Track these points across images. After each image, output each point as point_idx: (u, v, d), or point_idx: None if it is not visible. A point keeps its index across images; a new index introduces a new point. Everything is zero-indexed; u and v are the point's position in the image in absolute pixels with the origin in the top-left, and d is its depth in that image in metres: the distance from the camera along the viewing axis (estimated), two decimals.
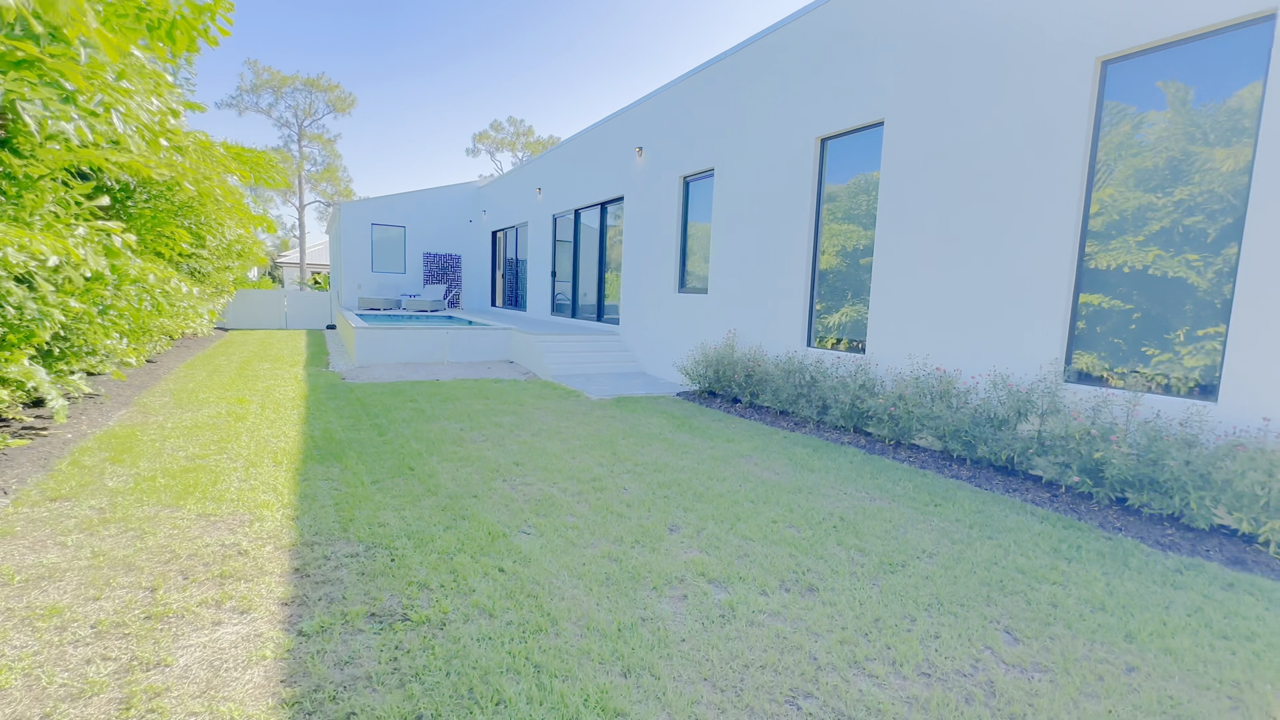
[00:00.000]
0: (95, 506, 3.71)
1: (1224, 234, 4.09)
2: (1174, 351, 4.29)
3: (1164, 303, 4.35)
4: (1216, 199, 4.18)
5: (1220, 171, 4.18)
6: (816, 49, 6.95)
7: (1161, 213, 4.44)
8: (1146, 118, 4.48)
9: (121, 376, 6.76)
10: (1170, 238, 4.37)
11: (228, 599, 2.68)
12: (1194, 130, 4.29)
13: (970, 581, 3.07)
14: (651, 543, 3.42)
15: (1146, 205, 4.52)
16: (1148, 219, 4.50)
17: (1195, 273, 4.28)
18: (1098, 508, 4.13)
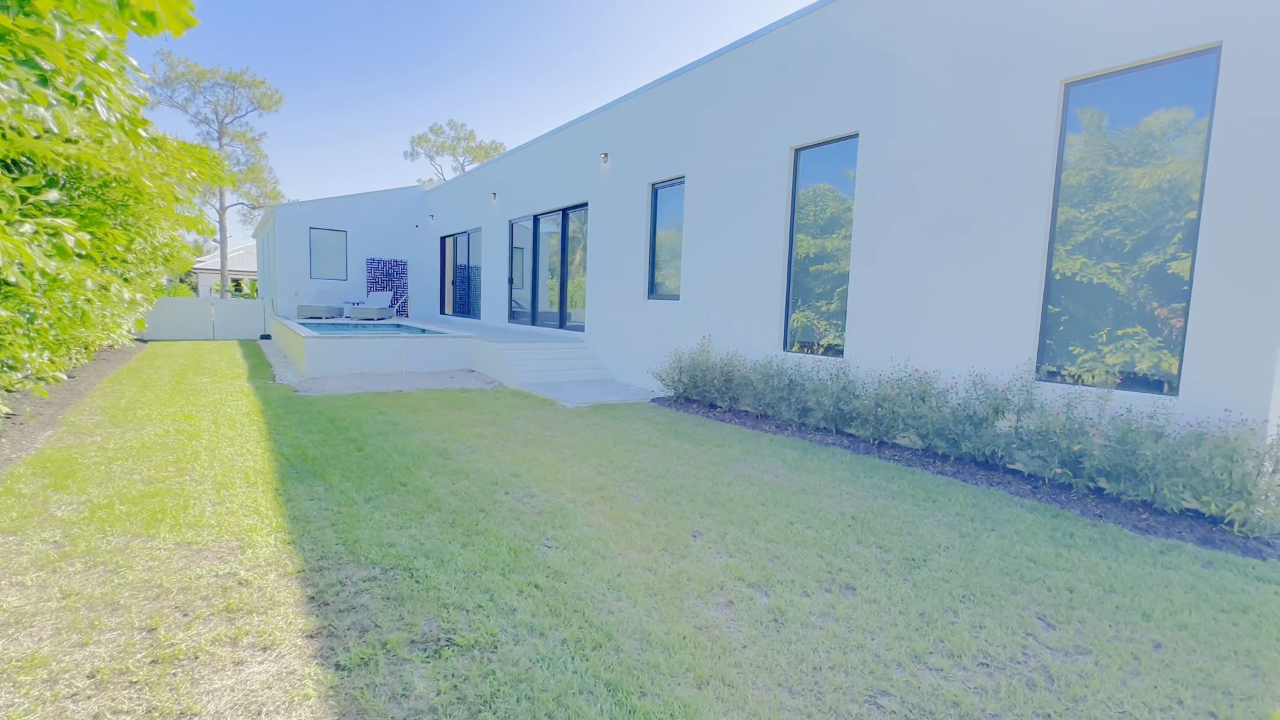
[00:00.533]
0: (49, 540, 3.28)
1: (1139, 244, 4.55)
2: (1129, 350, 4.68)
3: (1091, 306, 4.74)
4: (1132, 214, 4.63)
5: (1137, 189, 4.63)
6: (791, 62, 7.17)
7: (1084, 225, 4.88)
8: (1067, 139, 4.92)
9: (44, 394, 6.04)
10: (1092, 248, 4.81)
11: (243, 635, 2.43)
12: (1110, 151, 4.75)
13: (990, 572, 3.20)
14: (679, 550, 3.37)
15: (1072, 219, 4.94)
16: (1073, 231, 4.93)
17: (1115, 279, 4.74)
18: (1077, 497, 4.43)
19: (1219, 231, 4.12)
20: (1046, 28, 4.94)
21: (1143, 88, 4.59)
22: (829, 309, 6.96)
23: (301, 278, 17.83)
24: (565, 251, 12.27)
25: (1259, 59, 3.94)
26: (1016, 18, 5.13)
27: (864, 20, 6.35)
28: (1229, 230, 4.07)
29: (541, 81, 65.22)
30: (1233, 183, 4.04)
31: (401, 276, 19.08)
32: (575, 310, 12.03)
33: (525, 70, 63.96)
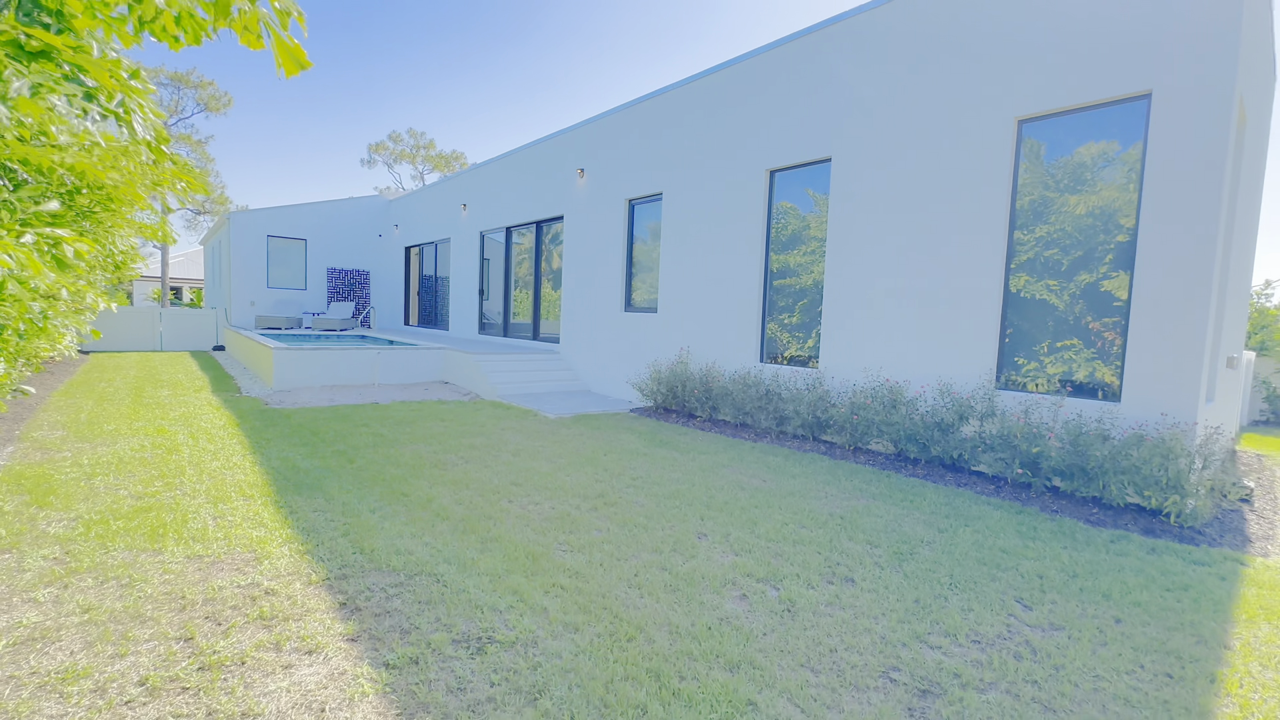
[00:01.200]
0: (49, 557, 3.21)
1: (1074, 265, 5.11)
2: (1073, 361, 5.19)
3: (1039, 321, 5.26)
4: (1068, 236, 5.19)
5: (1073, 214, 5.19)
6: (768, 87, 7.57)
7: (1027, 246, 5.42)
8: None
9: (3, 408, 5.77)
10: (1033, 267, 5.35)
11: (285, 640, 2.48)
12: (1048, 179, 5.30)
13: (969, 563, 3.53)
14: (688, 550, 3.57)
15: (1016, 240, 5.48)
16: (1017, 251, 5.47)
17: (1053, 295, 5.29)
18: (1036, 494, 4.87)
19: (1152, 254, 4.65)
20: (1004, 70, 5.47)
21: (1084, 125, 5.14)
22: (804, 322, 7.34)
23: (258, 287, 17.24)
24: (539, 264, 12.37)
25: (1182, 105, 4.50)
26: (978, 60, 5.64)
27: (838, 53, 6.81)
28: (1161, 253, 4.61)
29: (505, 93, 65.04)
30: (1163, 211, 4.59)
31: (364, 286, 18.70)
32: (548, 322, 12.13)
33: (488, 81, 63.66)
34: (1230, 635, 2.81)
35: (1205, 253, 4.37)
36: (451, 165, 41.35)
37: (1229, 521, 4.54)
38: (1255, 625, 2.92)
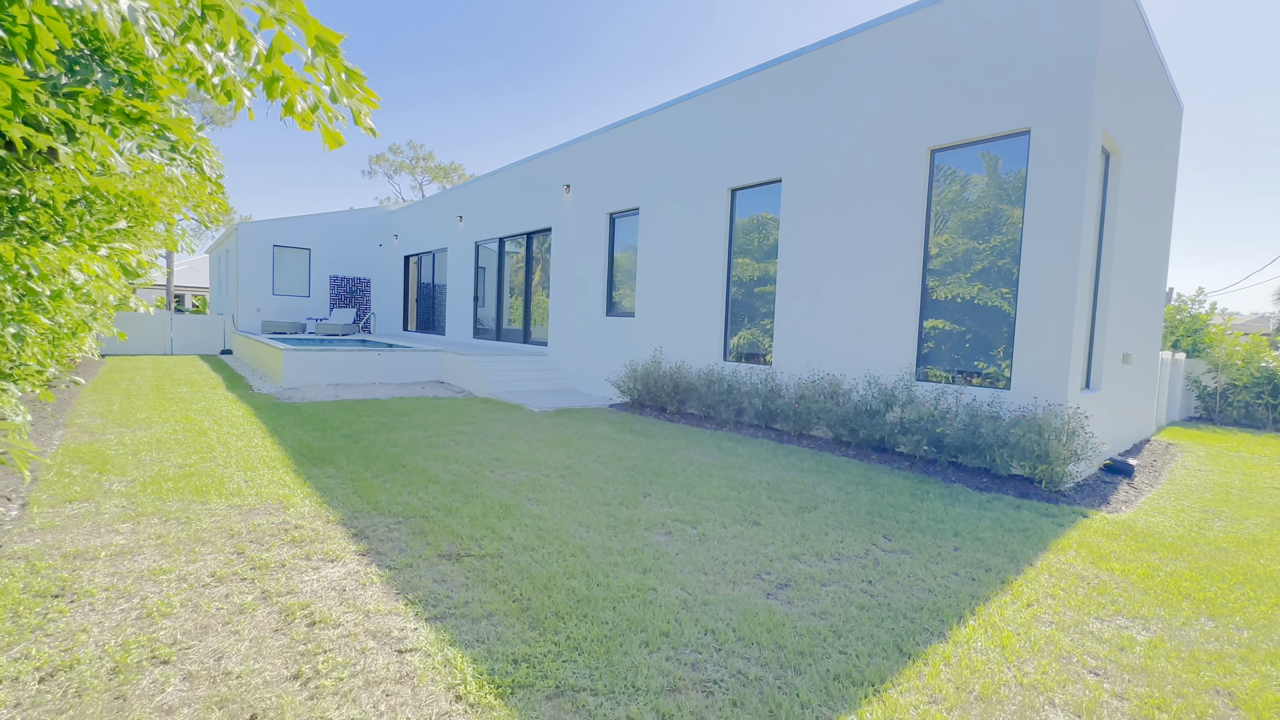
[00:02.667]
0: (119, 505, 4.03)
1: (977, 274, 5.96)
2: (995, 361, 6.04)
3: (989, 325, 6.11)
4: (972, 249, 6.05)
5: (973, 230, 6.05)
6: (729, 114, 8.48)
7: (983, 255, 6.27)
8: (971, 179, 6.31)
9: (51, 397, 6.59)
10: (989, 275, 6.20)
11: (312, 554, 3.31)
12: (1000, 192, 6.15)
13: (859, 512, 4.37)
14: (633, 504, 4.40)
15: (971, 249, 6.34)
16: (973, 260, 6.32)
17: (1007, 302, 6.12)
18: (939, 468, 5.71)
19: (1032, 266, 5.52)
20: (917, 108, 6.36)
21: (987, 155, 6.03)
22: (763, 325, 8.20)
23: (264, 294, 18.10)
24: (529, 272, 13.24)
25: (1052, 140, 5.39)
26: (899, 98, 6.54)
27: (787, 88, 7.71)
28: (1038, 265, 5.48)
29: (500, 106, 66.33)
30: (1039, 230, 5.46)
31: (365, 294, 19.56)
32: (538, 327, 12.99)
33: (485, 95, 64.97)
34: (1038, 558, 3.65)
35: (1069, 265, 5.25)
36: (450, 177, 42.36)
37: (1099, 490, 5.39)
38: (1063, 553, 3.76)
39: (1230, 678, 2.47)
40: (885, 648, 2.54)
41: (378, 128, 2.27)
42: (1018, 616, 2.89)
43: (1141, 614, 3.00)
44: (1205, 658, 2.61)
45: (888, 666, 2.40)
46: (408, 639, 2.48)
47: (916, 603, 2.97)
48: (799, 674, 2.32)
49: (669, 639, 2.54)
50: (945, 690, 2.27)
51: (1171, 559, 3.77)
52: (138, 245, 4.80)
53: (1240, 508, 5.12)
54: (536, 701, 2.10)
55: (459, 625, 2.59)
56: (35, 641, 2.37)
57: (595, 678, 2.24)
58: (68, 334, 6.11)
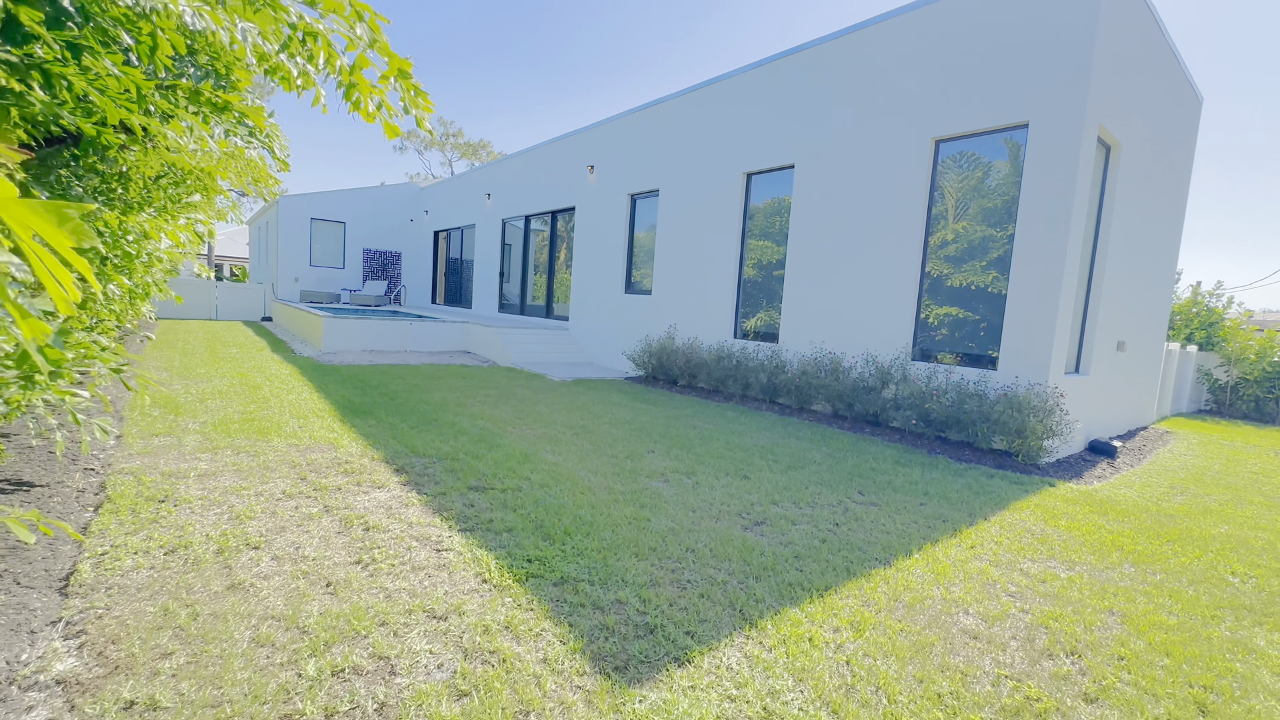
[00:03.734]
0: (197, 440, 4.71)
1: (972, 258, 6.26)
2: (984, 342, 6.39)
3: (981, 308, 6.45)
4: (970, 235, 6.34)
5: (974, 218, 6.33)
6: (746, 100, 8.80)
7: (979, 243, 6.57)
8: (974, 170, 6.59)
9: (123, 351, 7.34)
10: (984, 263, 6.51)
11: (362, 482, 3.92)
12: (999, 184, 6.42)
13: (841, 473, 4.84)
14: (638, 458, 4.94)
15: (969, 237, 6.64)
16: (969, 247, 6.63)
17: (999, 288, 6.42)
18: (926, 441, 6.12)
19: (1024, 253, 5.84)
20: (923, 100, 6.64)
21: (987, 145, 6.30)
22: (773, 304, 8.61)
23: (302, 265, 18.97)
24: (553, 250, 13.76)
25: (1048, 133, 5.66)
26: (905, 90, 6.82)
27: (800, 75, 8.01)
28: (1029, 252, 5.79)
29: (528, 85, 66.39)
30: (1031, 219, 5.77)
31: (396, 266, 20.33)
32: (560, 303, 13.54)
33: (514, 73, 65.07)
34: (994, 515, 4.09)
35: (1057, 252, 5.56)
36: (479, 153, 42.91)
37: (1075, 466, 5.76)
38: (1019, 512, 4.19)
39: (1127, 604, 2.92)
40: (836, 569, 3.04)
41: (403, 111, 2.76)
42: (959, 555, 3.36)
43: (1071, 559, 3.44)
44: (1113, 590, 3.06)
45: (835, 580, 2.91)
46: (444, 542, 3.06)
47: (872, 540, 3.46)
48: (758, 581, 2.84)
49: (655, 552, 3.07)
50: (879, 599, 2.77)
51: (1118, 521, 4.18)
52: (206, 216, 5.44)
53: (1208, 486, 5.45)
54: (545, 586, 2.66)
55: (485, 535, 3.16)
56: (154, 529, 3.01)
57: (593, 573, 2.79)
58: (140, 295, 6.85)
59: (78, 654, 2.01)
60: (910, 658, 2.31)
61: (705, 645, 2.28)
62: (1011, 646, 2.46)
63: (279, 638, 2.16)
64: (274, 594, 2.46)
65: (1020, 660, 2.37)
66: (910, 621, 2.59)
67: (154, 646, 2.07)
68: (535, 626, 2.34)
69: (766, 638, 2.37)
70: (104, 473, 3.81)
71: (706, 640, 2.31)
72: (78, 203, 3.61)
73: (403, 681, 1.98)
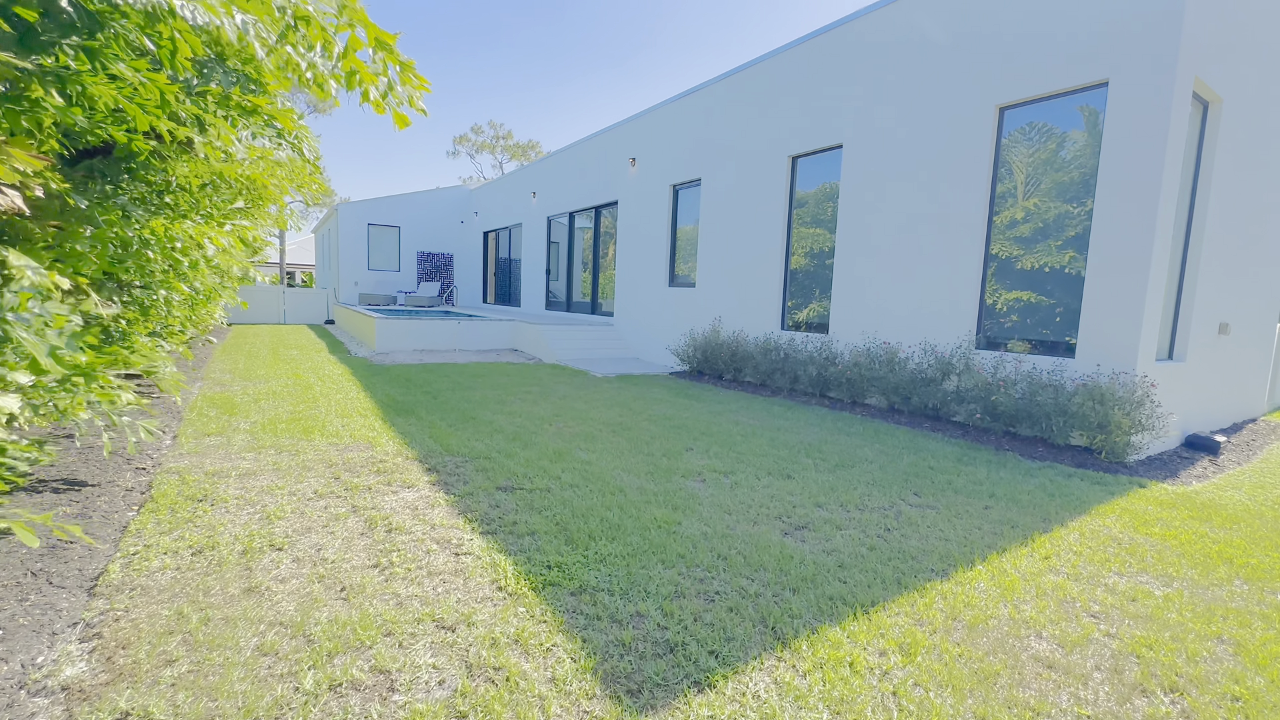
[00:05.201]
0: (244, 439, 4.84)
1: (1043, 236, 5.64)
2: (1059, 328, 5.80)
3: (1055, 291, 5.86)
4: (1043, 211, 5.71)
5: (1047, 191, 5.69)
6: (791, 80, 8.38)
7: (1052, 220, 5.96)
8: (1046, 141, 5.98)
9: (191, 355, 7.74)
10: (1056, 241, 5.90)
11: (393, 482, 3.89)
12: (1044, 165, 5.79)
13: (896, 472, 4.47)
14: (675, 456, 4.73)
15: (1042, 214, 6.03)
16: (1042, 225, 6.02)
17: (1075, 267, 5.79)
18: (993, 437, 5.61)
19: (1105, 227, 5.23)
20: (986, 64, 6.07)
21: (1058, 111, 5.70)
22: (822, 293, 8.18)
23: (360, 269, 19.74)
24: (597, 245, 13.68)
25: (1132, 91, 5.03)
26: (966, 55, 6.26)
27: (848, 51, 7.53)
28: (1112, 226, 5.18)
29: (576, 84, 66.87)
30: (1114, 189, 5.15)
31: (448, 268, 20.85)
32: (605, 299, 13.45)
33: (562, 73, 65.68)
34: (1073, 520, 3.64)
35: (1145, 225, 4.94)
36: (528, 154, 43.56)
37: (1170, 464, 5.13)
38: (1102, 517, 3.72)
39: (1241, 630, 2.48)
40: (885, 580, 2.74)
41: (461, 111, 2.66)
42: (1030, 567, 2.97)
43: (1167, 573, 2.99)
44: (1221, 613, 2.62)
45: (883, 594, 2.61)
46: (464, 545, 2.95)
47: (928, 548, 3.12)
48: (796, 594, 2.58)
49: (684, 559, 2.86)
50: (933, 617, 2.46)
51: (1225, 528, 3.64)
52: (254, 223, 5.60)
53: None
54: (562, 596, 2.50)
55: (506, 539, 3.04)
56: (188, 529, 3.04)
57: (614, 583, 2.61)
58: (202, 300, 7.17)
59: (88, 659, 2.00)
60: (970, 690, 2.01)
61: (730, 668, 2.05)
62: (1095, 679, 2.11)
63: (283, 646, 2.09)
64: (287, 598, 2.41)
65: (1105, 697, 2.02)
66: (971, 645, 2.27)
67: (161, 653, 2.03)
68: (547, 641, 2.18)
69: (801, 660, 2.12)
70: (153, 472, 3.94)
71: (732, 662, 2.09)
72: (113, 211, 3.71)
73: (400, 699, 1.86)
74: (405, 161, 73.90)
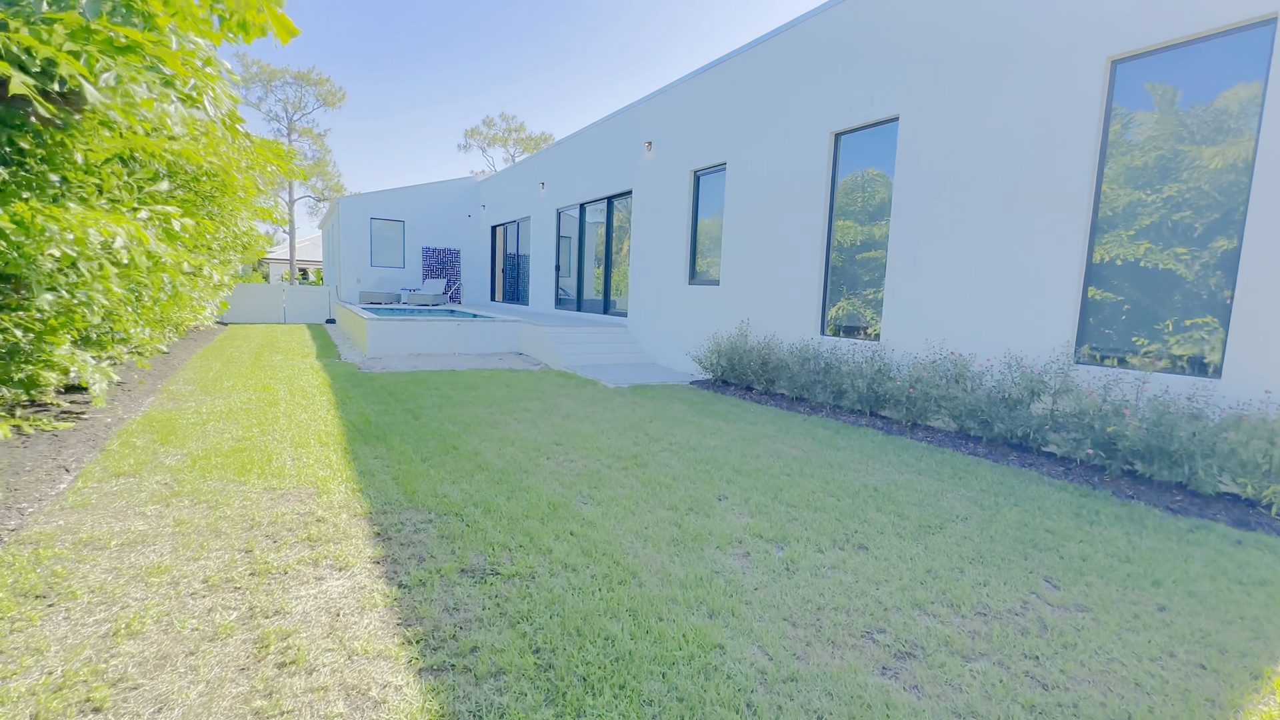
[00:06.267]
0: (161, 481, 3.83)
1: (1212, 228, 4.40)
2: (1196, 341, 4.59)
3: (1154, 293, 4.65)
4: (1203, 195, 4.50)
5: (1209, 169, 4.48)
6: (831, 46, 7.19)
7: (1150, 208, 4.75)
8: (1134, 117, 4.78)
9: (147, 366, 6.81)
10: (1159, 232, 4.68)
11: (323, 558, 2.84)
12: (1181, 130, 4.59)
13: (1005, 540, 3.31)
14: (704, 510, 3.63)
15: (1136, 201, 4.82)
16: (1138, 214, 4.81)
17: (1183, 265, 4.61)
18: (1110, 478, 4.42)
19: (1267, 211, 4.00)
20: (1094, 4, 4.85)
21: (1193, 65, 4.46)
22: (868, 293, 7.00)
23: (363, 265, 18.86)
24: (610, 239, 12.58)
25: None
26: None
27: (905, 3, 6.32)
28: (1273, 206, 3.96)
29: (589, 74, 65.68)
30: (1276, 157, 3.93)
31: (454, 264, 19.90)
32: (619, 297, 12.36)
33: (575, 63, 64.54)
34: None
35: None
36: (540, 147, 42.56)
37: None
38: None
39: None
40: None
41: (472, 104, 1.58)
42: None
43: None
44: None
45: None
46: (387, 701, 1.89)
47: (1120, 709, 1.99)
48: None
49: None
50: None
51: None
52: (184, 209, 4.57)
53: None
54: None
55: (456, 686, 1.97)
56: None
57: None
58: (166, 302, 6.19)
59: None
60: None
61: None
62: None
63: None
64: None
65: None
66: None
67: None
68: None
69: None
70: (6, 540, 2.93)
71: None
72: None
73: None
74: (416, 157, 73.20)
